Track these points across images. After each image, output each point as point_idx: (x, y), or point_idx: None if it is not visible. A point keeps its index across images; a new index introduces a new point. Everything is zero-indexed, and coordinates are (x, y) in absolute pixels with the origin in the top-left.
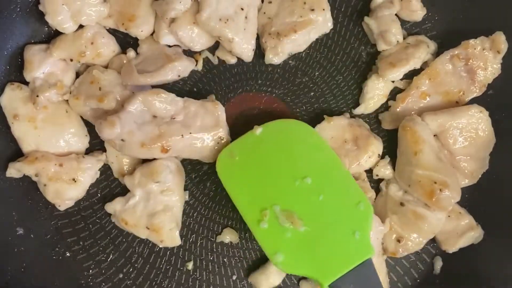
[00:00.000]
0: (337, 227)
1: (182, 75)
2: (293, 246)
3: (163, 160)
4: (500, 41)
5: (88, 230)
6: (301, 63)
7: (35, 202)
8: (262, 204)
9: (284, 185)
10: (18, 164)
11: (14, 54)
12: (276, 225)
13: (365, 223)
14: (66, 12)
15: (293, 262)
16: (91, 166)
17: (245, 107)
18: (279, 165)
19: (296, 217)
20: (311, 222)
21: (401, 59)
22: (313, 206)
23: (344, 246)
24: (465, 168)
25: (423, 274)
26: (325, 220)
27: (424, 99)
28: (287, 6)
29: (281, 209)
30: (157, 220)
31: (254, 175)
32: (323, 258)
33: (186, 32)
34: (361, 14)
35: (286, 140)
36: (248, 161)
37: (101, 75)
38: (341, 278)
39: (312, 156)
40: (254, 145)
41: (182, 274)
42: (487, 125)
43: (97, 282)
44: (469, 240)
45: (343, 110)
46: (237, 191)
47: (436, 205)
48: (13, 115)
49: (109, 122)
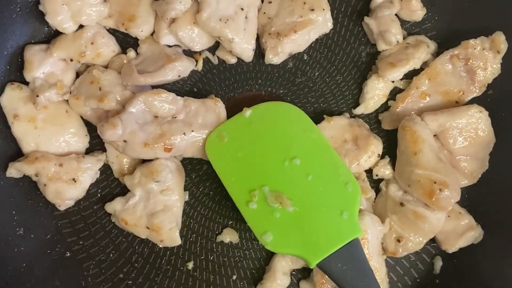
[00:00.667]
0: (325, 207)
1: (182, 75)
2: (282, 226)
3: (163, 160)
4: (500, 41)
5: (88, 230)
6: (301, 63)
7: (35, 202)
8: (251, 185)
9: (273, 166)
10: (18, 164)
11: (14, 54)
12: (265, 206)
13: (353, 203)
14: (66, 12)
15: (281, 241)
16: (91, 166)
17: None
18: (268, 146)
19: (285, 197)
20: (299, 202)
21: (401, 59)
22: (301, 186)
23: (332, 226)
24: (465, 168)
25: (423, 274)
26: (314, 200)
27: (424, 99)
28: (287, 6)
29: (270, 189)
30: (157, 220)
31: (243, 156)
32: (311, 238)
33: (186, 32)
34: (361, 14)
35: (275, 121)
36: (237, 142)
37: (101, 75)
38: (329, 258)
39: (301, 137)
40: (243, 127)
41: (182, 274)
42: (487, 125)
43: (97, 282)
44: (469, 240)
45: (343, 110)
46: (226, 172)
47: (436, 205)
48: (13, 115)
49: (111, 123)
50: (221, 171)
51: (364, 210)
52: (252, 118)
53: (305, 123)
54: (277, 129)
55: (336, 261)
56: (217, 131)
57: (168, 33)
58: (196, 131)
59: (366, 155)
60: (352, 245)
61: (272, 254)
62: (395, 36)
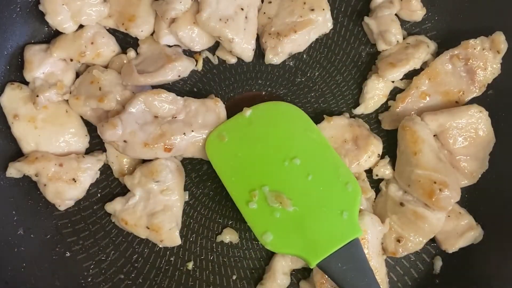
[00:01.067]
0: (325, 207)
1: (182, 75)
2: (282, 226)
3: (163, 160)
4: (499, 41)
5: (88, 230)
6: (301, 63)
7: (35, 202)
8: (251, 185)
9: (273, 166)
10: (18, 164)
11: (14, 54)
12: (265, 206)
13: (353, 203)
14: (66, 12)
15: (282, 241)
16: (91, 166)
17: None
18: (268, 146)
19: (285, 197)
20: (299, 202)
21: (401, 59)
22: (301, 186)
23: (332, 226)
24: (465, 168)
25: (423, 274)
26: (314, 200)
27: (424, 99)
28: (287, 6)
29: (270, 189)
30: (157, 220)
31: (243, 156)
32: (311, 238)
33: (186, 32)
34: (361, 14)
35: (275, 121)
36: (237, 142)
37: (101, 75)
38: (329, 258)
39: (301, 137)
40: (243, 127)
41: (182, 274)
42: (486, 125)
43: (97, 282)
44: (469, 240)
45: (343, 110)
46: (226, 172)
47: (435, 205)
48: (13, 115)
49: (111, 123)
50: (221, 171)
51: (364, 210)
52: (252, 118)
53: (305, 123)
54: (277, 129)
55: (336, 261)
56: (217, 131)
57: (168, 33)
58: (196, 131)
59: (366, 155)
60: (352, 245)
61: (272, 254)
62: (395, 36)
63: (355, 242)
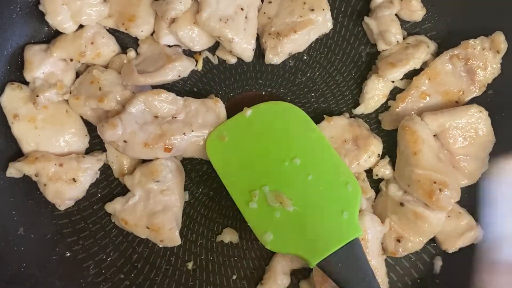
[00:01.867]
0: (325, 207)
1: (182, 75)
2: (282, 226)
3: (163, 160)
4: (499, 41)
5: (88, 230)
6: (301, 63)
7: (35, 202)
8: (251, 185)
9: (273, 166)
10: (18, 164)
11: (14, 54)
12: (265, 205)
13: (353, 203)
14: (66, 12)
15: (282, 241)
16: (91, 166)
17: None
18: (268, 146)
19: (285, 197)
20: (300, 202)
21: (401, 59)
22: (302, 186)
23: (332, 225)
24: (465, 168)
25: (423, 274)
26: (314, 200)
27: (424, 99)
28: (287, 6)
29: (270, 189)
30: (157, 220)
31: (244, 156)
32: (312, 238)
33: (186, 32)
34: (361, 14)
35: (275, 121)
36: (238, 142)
37: (101, 75)
38: (329, 257)
39: (301, 137)
40: (243, 127)
41: (182, 274)
42: (486, 125)
43: (97, 282)
44: (469, 240)
45: (343, 110)
46: (226, 172)
47: (435, 205)
48: (13, 115)
49: (111, 124)
50: (221, 171)
51: (364, 210)
52: (252, 118)
53: (305, 123)
54: (278, 129)
55: (336, 261)
56: (217, 131)
57: (168, 33)
58: (196, 131)
59: (366, 155)
60: (352, 245)
61: (272, 254)
62: (395, 36)
63: (355, 242)
